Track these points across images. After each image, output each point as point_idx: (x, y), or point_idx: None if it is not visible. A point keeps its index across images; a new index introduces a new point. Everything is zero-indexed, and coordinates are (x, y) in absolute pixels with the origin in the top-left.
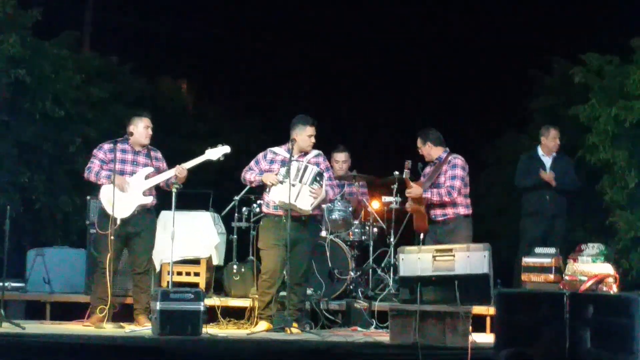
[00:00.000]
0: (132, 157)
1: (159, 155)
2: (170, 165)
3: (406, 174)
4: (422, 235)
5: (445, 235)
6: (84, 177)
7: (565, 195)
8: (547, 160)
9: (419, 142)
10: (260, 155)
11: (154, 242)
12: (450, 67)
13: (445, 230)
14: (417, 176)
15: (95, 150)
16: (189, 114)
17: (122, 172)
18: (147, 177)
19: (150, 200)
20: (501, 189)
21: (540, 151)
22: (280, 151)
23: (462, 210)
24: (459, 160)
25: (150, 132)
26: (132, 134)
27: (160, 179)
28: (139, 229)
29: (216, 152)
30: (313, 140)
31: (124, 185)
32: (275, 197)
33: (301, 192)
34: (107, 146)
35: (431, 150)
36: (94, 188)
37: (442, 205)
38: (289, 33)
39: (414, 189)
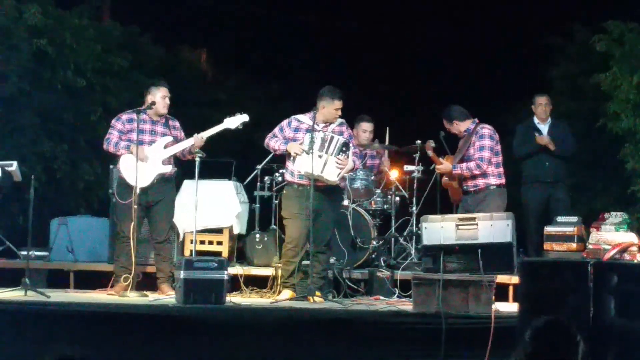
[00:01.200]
0: (150, 127)
1: (177, 124)
2: (189, 134)
3: (429, 153)
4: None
5: (477, 205)
6: (103, 148)
7: (564, 161)
8: (543, 128)
9: (446, 124)
10: (285, 123)
11: (173, 210)
12: (471, 37)
13: (477, 200)
14: (444, 147)
15: (113, 121)
16: (209, 82)
17: (140, 142)
18: (165, 147)
19: (169, 169)
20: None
21: (535, 120)
22: (305, 119)
23: (493, 180)
24: (486, 129)
25: (168, 101)
26: (154, 103)
27: (178, 148)
28: (159, 197)
29: (234, 121)
30: (339, 113)
31: (143, 155)
32: (301, 167)
33: (328, 163)
34: (125, 116)
35: (460, 127)
36: (116, 157)
37: (474, 175)
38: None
39: (443, 166)
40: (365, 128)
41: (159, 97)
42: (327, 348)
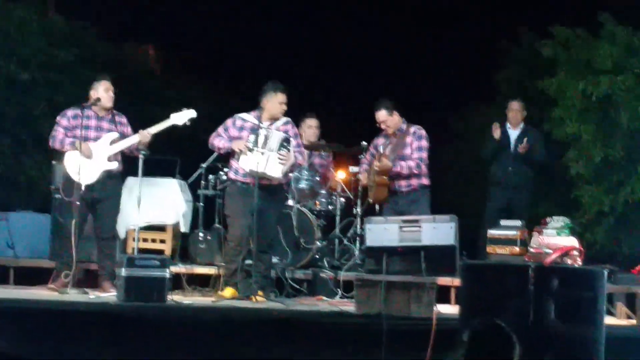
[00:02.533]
0: (95, 123)
1: (124, 120)
2: (136, 131)
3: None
4: (377, 207)
5: (408, 205)
6: (49, 144)
7: (530, 167)
8: (513, 133)
9: (385, 113)
10: (229, 122)
11: (119, 207)
12: (417, 37)
13: (409, 201)
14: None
15: (58, 117)
16: (156, 79)
17: (85, 138)
18: (112, 143)
19: (115, 165)
20: (468, 160)
21: (507, 125)
22: (250, 118)
23: (424, 181)
24: (423, 131)
25: (111, 94)
26: (99, 99)
27: (125, 144)
28: (104, 194)
29: (181, 117)
30: (284, 107)
31: (89, 152)
32: (245, 165)
33: (270, 159)
34: (70, 112)
35: (395, 121)
36: (60, 152)
37: (407, 176)
38: None
39: (384, 163)
40: (311, 124)
41: (102, 90)
42: (269, 348)
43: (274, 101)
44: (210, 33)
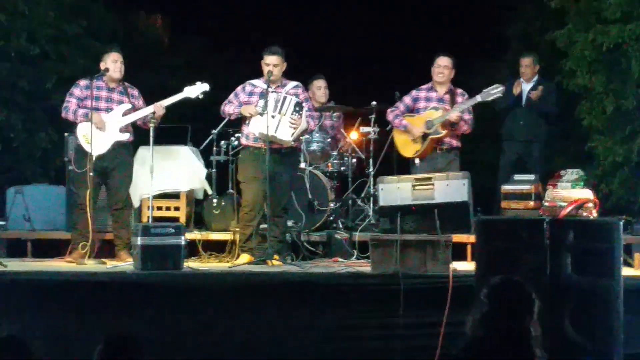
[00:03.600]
0: (106, 94)
1: (136, 92)
2: (146, 102)
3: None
4: (417, 161)
5: (447, 164)
6: (62, 116)
7: (542, 120)
8: (526, 87)
9: (450, 64)
10: (239, 88)
11: (131, 177)
12: None
13: (447, 160)
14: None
15: (71, 89)
16: (165, 48)
17: (96, 109)
18: (124, 114)
19: (127, 136)
20: (479, 116)
21: (521, 79)
22: (259, 83)
23: (459, 143)
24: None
25: (120, 65)
26: (107, 69)
27: (137, 116)
28: (115, 164)
29: (195, 90)
30: (271, 69)
31: (102, 123)
32: (255, 129)
33: (281, 123)
34: (82, 82)
35: (451, 76)
36: (73, 125)
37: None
38: None
39: (457, 115)
40: (319, 85)
41: (110, 61)
42: (287, 311)
43: (262, 64)
44: (217, 1)
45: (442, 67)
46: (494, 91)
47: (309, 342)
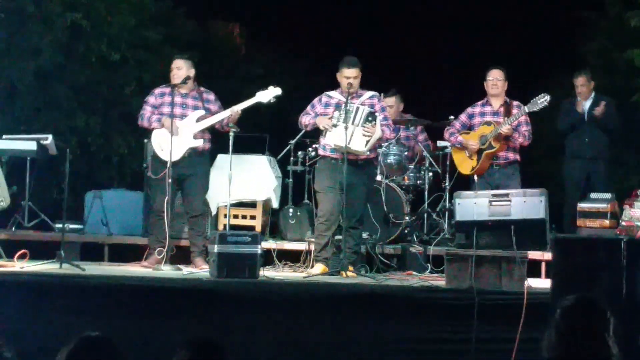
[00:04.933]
0: (180, 100)
1: (212, 97)
2: (225, 107)
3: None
4: (475, 178)
5: (504, 179)
6: (138, 124)
7: (606, 137)
8: (585, 104)
9: (503, 74)
10: (316, 100)
11: (207, 185)
12: (501, 8)
13: (505, 175)
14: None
15: (147, 97)
16: (242, 57)
17: (171, 116)
18: (198, 120)
19: (200, 143)
20: (554, 132)
21: (578, 98)
22: (335, 94)
23: (518, 156)
24: (523, 106)
25: (177, 72)
26: (189, 77)
27: (212, 120)
28: (191, 171)
29: (267, 95)
30: (351, 81)
31: (175, 128)
32: (330, 140)
33: (355, 134)
34: (157, 90)
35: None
36: (148, 131)
37: (513, 148)
38: None
39: (509, 128)
40: (389, 103)
41: (175, 68)
42: (360, 323)
43: (340, 76)
44: (295, 10)
45: (495, 79)
46: (541, 100)
47: (381, 354)
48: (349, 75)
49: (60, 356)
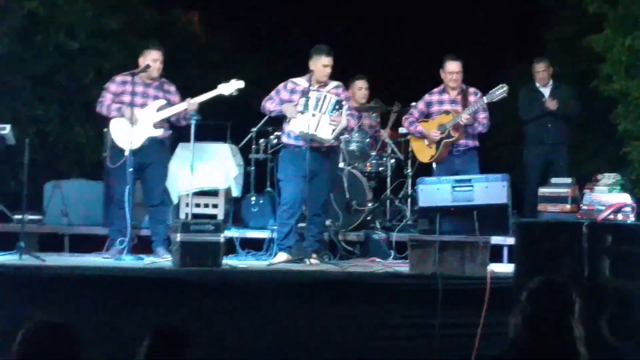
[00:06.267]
0: (142, 90)
1: (172, 88)
2: (183, 98)
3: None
4: (434, 166)
5: (464, 165)
6: (96, 110)
7: (567, 123)
8: (545, 91)
9: (458, 67)
10: (281, 86)
11: (166, 174)
12: None
13: (464, 161)
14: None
15: (107, 84)
16: (203, 45)
17: (132, 104)
18: (158, 110)
19: (161, 132)
20: (514, 120)
21: (537, 84)
22: (301, 81)
23: (477, 142)
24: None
25: (159, 65)
26: (149, 66)
27: (173, 111)
28: (150, 160)
29: (229, 87)
30: (328, 70)
31: (135, 118)
32: (296, 127)
33: (321, 122)
34: (119, 78)
35: (460, 78)
36: (108, 120)
37: (472, 135)
38: None
39: (468, 116)
40: (361, 85)
41: (150, 60)
42: (324, 310)
43: (318, 64)
44: None
45: (455, 73)
46: (499, 91)
47: (346, 341)
48: (327, 63)
49: (17, 339)
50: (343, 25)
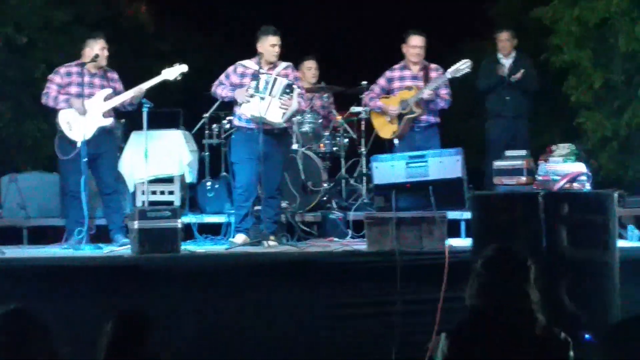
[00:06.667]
0: (88, 80)
1: (115, 76)
2: (132, 86)
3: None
4: (396, 142)
5: (425, 141)
6: (42, 102)
7: (526, 96)
8: (506, 62)
9: (421, 41)
10: (230, 69)
11: (117, 162)
12: None
13: (425, 137)
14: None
15: (51, 75)
16: (150, 34)
17: (79, 95)
18: (106, 99)
19: (110, 121)
20: (466, 95)
21: (498, 55)
22: (250, 64)
23: (438, 119)
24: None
25: (106, 52)
26: (97, 55)
27: (118, 100)
28: (101, 150)
29: (173, 72)
30: (277, 49)
31: (83, 108)
32: (247, 111)
33: (271, 105)
34: (63, 70)
35: (423, 54)
36: (55, 112)
37: (433, 111)
38: None
39: (430, 93)
40: (310, 65)
41: (98, 48)
42: (284, 291)
43: (266, 44)
44: None
45: (418, 47)
46: (463, 67)
47: (306, 321)
48: (275, 42)
49: None
50: (293, 6)
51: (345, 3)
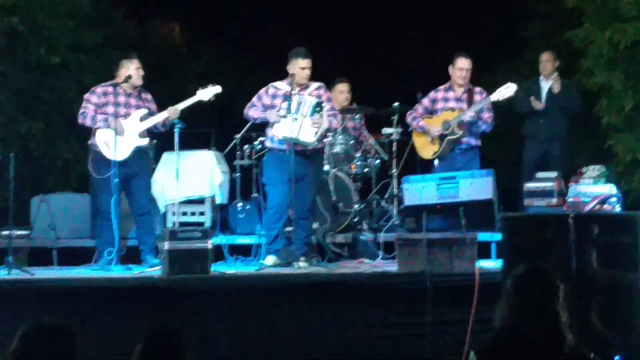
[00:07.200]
0: (124, 100)
1: (149, 97)
2: (165, 108)
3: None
4: (436, 162)
5: (466, 163)
6: (79, 122)
7: (564, 118)
8: (545, 85)
9: (470, 63)
10: (262, 91)
11: (150, 183)
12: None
13: (466, 160)
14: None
15: (87, 95)
16: (184, 55)
17: (115, 115)
18: (142, 119)
19: (146, 141)
20: (501, 117)
21: (540, 77)
22: (282, 85)
23: (479, 142)
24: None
25: (141, 72)
26: (130, 76)
27: (154, 120)
28: (137, 170)
29: (207, 93)
30: (307, 72)
31: (122, 128)
32: (279, 132)
33: (303, 125)
34: (99, 90)
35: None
36: (90, 131)
37: (475, 133)
38: None
39: (470, 113)
40: (342, 89)
41: (133, 69)
42: (314, 312)
43: (296, 67)
44: (235, 7)
45: (465, 70)
46: (507, 90)
47: (337, 342)
48: (305, 65)
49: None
50: (326, 29)
51: (379, 26)
